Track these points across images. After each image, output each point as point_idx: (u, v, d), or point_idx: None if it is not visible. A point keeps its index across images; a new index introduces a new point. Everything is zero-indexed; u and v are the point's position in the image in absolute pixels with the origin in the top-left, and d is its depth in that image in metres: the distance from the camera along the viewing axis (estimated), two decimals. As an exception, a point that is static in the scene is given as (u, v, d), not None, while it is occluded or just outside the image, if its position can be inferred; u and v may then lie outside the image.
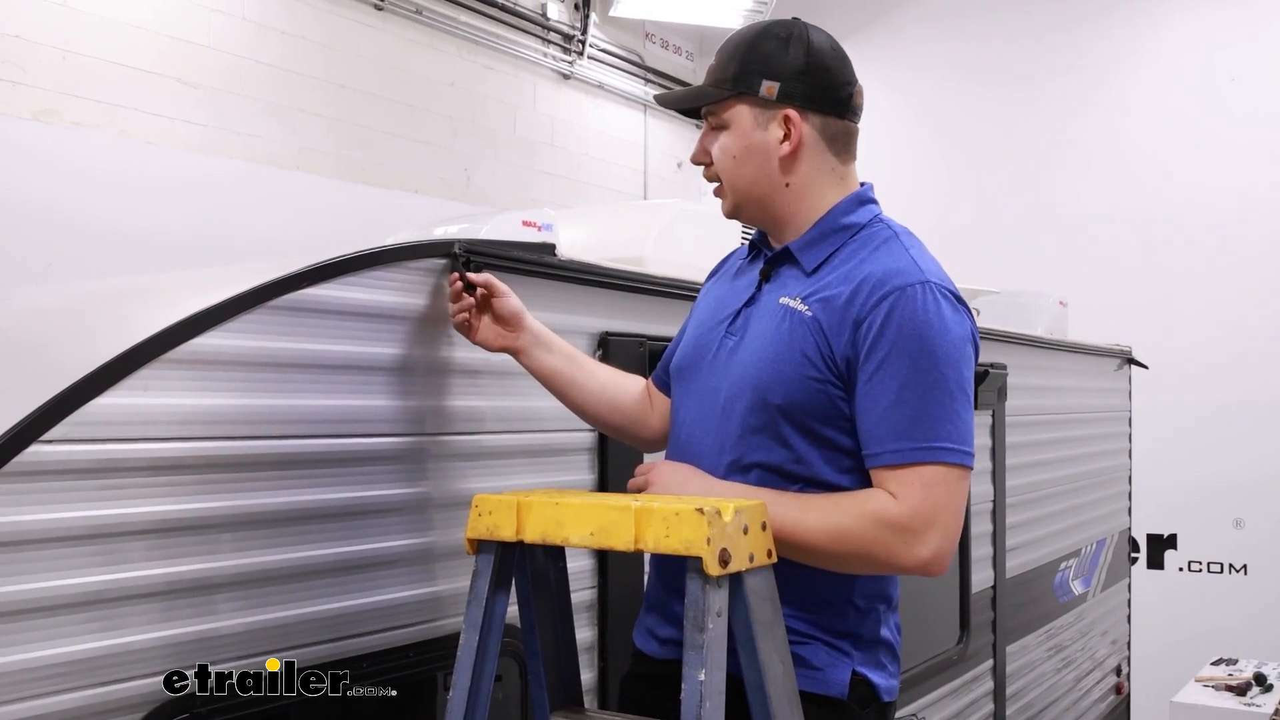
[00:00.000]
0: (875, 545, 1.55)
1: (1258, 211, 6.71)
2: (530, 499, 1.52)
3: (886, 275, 1.60)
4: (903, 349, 1.56)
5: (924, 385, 1.55)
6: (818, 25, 1.74)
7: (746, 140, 1.72)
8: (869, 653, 1.70)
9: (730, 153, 1.74)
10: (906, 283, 1.59)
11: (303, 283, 1.66)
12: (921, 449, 1.55)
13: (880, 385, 1.57)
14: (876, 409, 1.57)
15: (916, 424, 1.55)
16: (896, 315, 1.57)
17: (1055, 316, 4.72)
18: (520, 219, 2.05)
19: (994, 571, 3.79)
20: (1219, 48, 6.93)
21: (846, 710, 1.65)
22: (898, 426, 1.56)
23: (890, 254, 1.65)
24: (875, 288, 1.60)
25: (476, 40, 6.61)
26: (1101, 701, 4.96)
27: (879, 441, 1.58)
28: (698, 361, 1.79)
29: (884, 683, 1.71)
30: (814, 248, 1.71)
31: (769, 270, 1.76)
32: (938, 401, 1.56)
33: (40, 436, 1.36)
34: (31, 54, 4.46)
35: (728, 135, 1.74)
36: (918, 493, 1.54)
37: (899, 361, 1.56)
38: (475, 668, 1.55)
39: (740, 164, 1.73)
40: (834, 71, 1.71)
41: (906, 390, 1.55)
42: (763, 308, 1.72)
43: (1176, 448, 6.64)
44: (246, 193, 5.17)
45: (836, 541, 1.56)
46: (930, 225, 2.72)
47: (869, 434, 1.59)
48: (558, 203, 6.73)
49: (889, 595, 1.74)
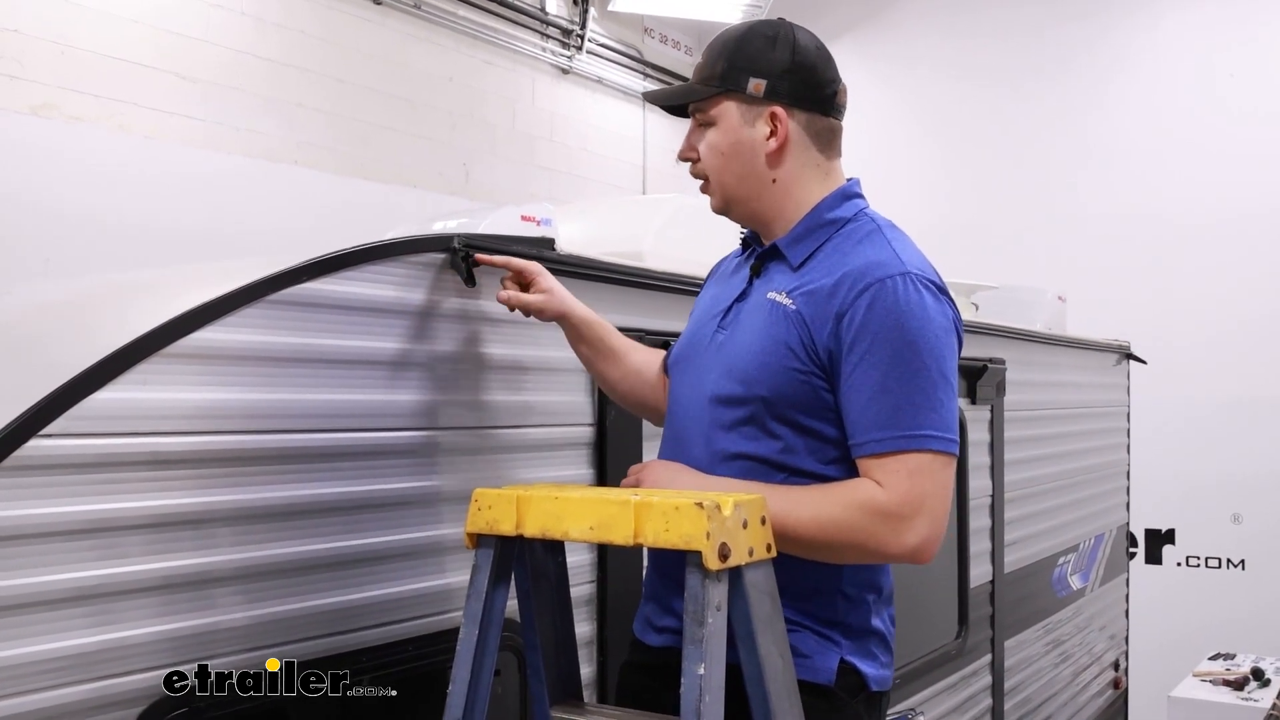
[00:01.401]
0: (864, 534, 1.57)
1: (1256, 208, 6.71)
2: (530, 493, 1.52)
3: (868, 267, 1.63)
4: (885, 339, 1.58)
5: (907, 374, 1.58)
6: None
7: (734, 136, 1.74)
8: (859, 642, 1.71)
9: (718, 149, 1.76)
10: (887, 274, 1.61)
11: (301, 277, 1.66)
12: (905, 437, 1.57)
13: (864, 376, 1.59)
14: (860, 399, 1.60)
15: (900, 413, 1.57)
16: (878, 306, 1.59)
17: (1054, 312, 4.72)
18: (519, 214, 2.05)
19: (992, 566, 3.79)
20: (1218, 44, 6.93)
21: (834, 698, 1.67)
22: (882, 416, 1.58)
23: (873, 246, 1.68)
24: (856, 280, 1.62)
25: (475, 35, 6.60)
26: (1099, 696, 4.97)
27: (864, 431, 1.60)
28: (691, 355, 1.82)
29: (874, 673, 1.72)
30: (800, 243, 1.74)
31: (759, 266, 1.79)
32: (920, 390, 1.58)
33: (39, 431, 1.36)
34: (30, 49, 4.45)
35: (715, 132, 1.76)
36: (904, 481, 1.56)
37: (881, 352, 1.58)
38: (475, 662, 1.55)
39: (728, 160, 1.76)
40: (819, 70, 1.75)
41: (890, 380, 1.58)
42: (752, 303, 1.75)
43: (1175, 443, 6.64)
44: (245, 188, 5.16)
45: (826, 531, 1.58)
46: (929, 221, 2.73)
47: (854, 424, 1.61)
48: (556, 198, 6.72)
49: (879, 585, 1.75)
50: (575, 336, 1.98)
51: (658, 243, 2.57)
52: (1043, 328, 4.46)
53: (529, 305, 1.91)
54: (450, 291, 1.91)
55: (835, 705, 1.66)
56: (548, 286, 1.92)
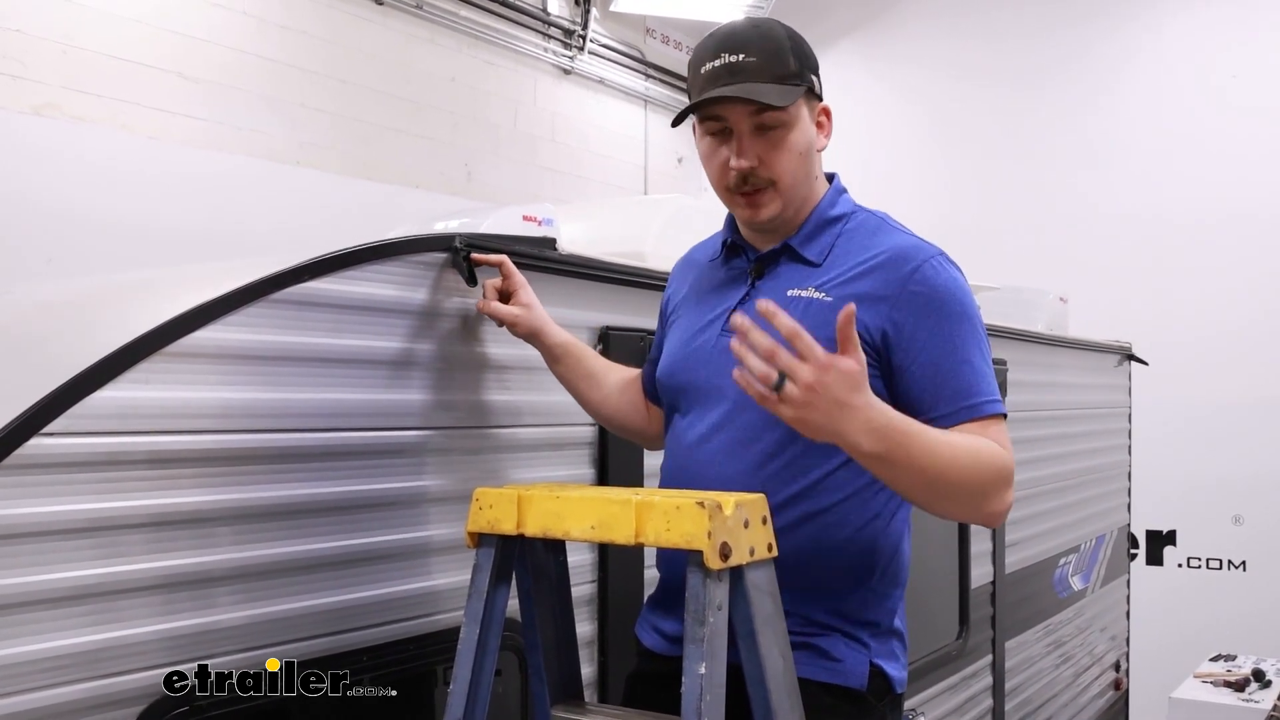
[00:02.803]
0: (985, 489, 1.57)
1: (1258, 209, 6.70)
2: (531, 493, 1.52)
3: (904, 252, 1.67)
4: (948, 314, 1.64)
5: (973, 344, 1.64)
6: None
7: (808, 137, 1.74)
8: (884, 643, 1.72)
9: (796, 150, 1.71)
10: (926, 256, 1.67)
11: (303, 276, 1.66)
12: (992, 402, 1.63)
13: (940, 346, 1.62)
14: (940, 370, 1.62)
15: (980, 380, 1.63)
16: (932, 284, 1.65)
17: (1056, 313, 4.72)
18: (521, 214, 2.05)
19: (994, 567, 3.79)
20: (1221, 45, 6.92)
21: (865, 702, 1.67)
22: (966, 383, 1.62)
23: (894, 234, 1.73)
24: (901, 264, 1.66)
25: (477, 35, 6.60)
26: (1100, 697, 4.97)
27: (956, 398, 1.62)
28: (694, 365, 1.78)
29: (897, 674, 1.74)
30: (814, 241, 1.75)
31: (761, 268, 1.77)
32: (984, 360, 1.65)
33: (41, 429, 1.36)
34: (32, 48, 4.45)
35: (795, 133, 1.70)
36: (1008, 443, 1.61)
37: (948, 325, 1.63)
38: (475, 662, 1.55)
39: (803, 161, 1.73)
40: None
41: (963, 349, 1.63)
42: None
43: (1176, 444, 6.64)
44: (247, 188, 5.16)
45: (959, 476, 1.54)
46: (931, 221, 2.73)
47: (938, 394, 1.62)
48: (558, 198, 6.72)
49: (902, 580, 1.77)
50: (550, 358, 1.95)
51: (659, 243, 2.57)
52: (1044, 329, 4.46)
53: (502, 317, 1.88)
54: (451, 291, 1.91)
55: (865, 709, 1.66)
56: (526, 301, 1.90)
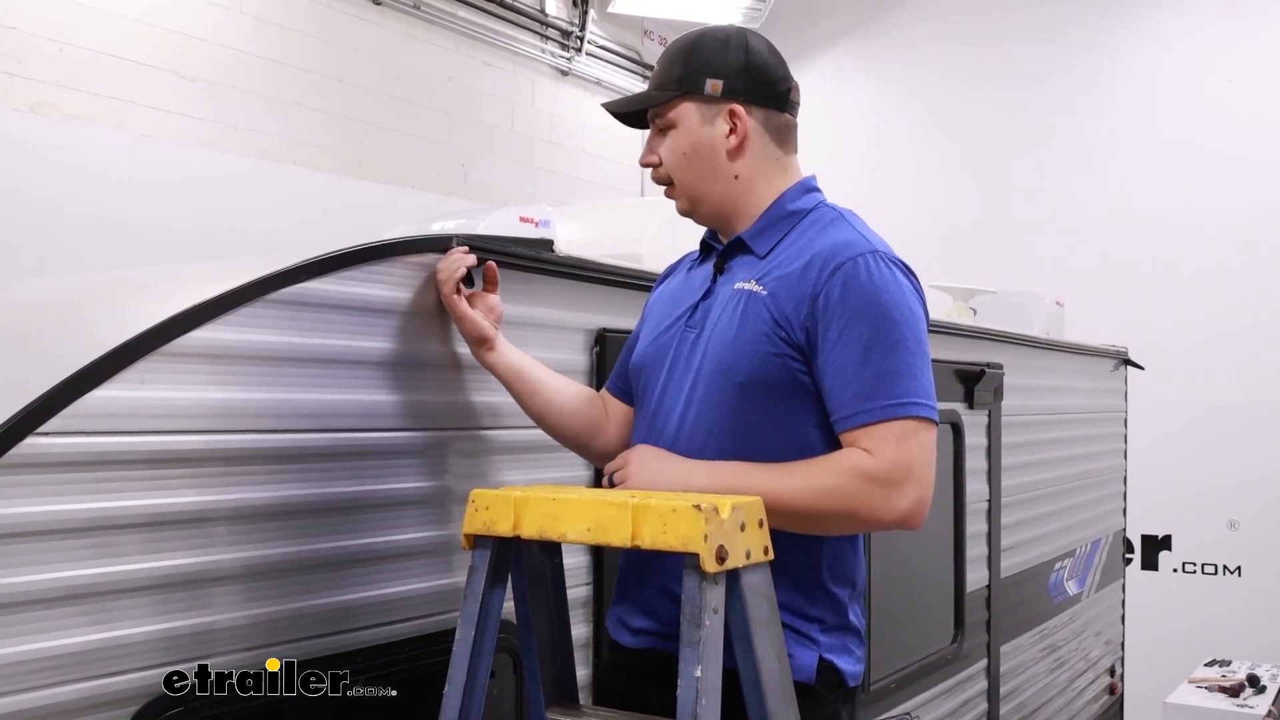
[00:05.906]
0: (856, 500, 1.60)
1: (1255, 213, 6.71)
2: (527, 494, 1.52)
3: (838, 248, 1.68)
4: (862, 314, 1.63)
5: (886, 346, 1.62)
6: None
7: (694, 137, 1.79)
8: (836, 638, 1.74)
9: (679, 150, 1.81)
10: (858, 253, 1.67)
11: (300, 276, 1.66)
12: (890, 406, 1.61)
13: (844, 351, 1.63)
14: (844, 373, 1.63)
15: (883, 383, 1.61)
16: (853, 283, 1.64)
17: (1052, 317, 4.72)
18: (518, 215, 2.05)
19: (989, 571, 3.79)
20: (1217, 49, 6.93)
21: (814, 694, 1.68)
22: (866, 388, 1.62)
23: (838, 230, 1.73)
24: (829, 260, 1.67)
25: (474, 36, 6.60)
26: (1095, 702, 4.97)
27: (849, 404, 1.63)
28: (659, 359, 1.83)
29: (850, 668, 1.75)
30: (764, 235, 1.79)
31: (722, 264, 1.83)
32: (902, 360, 1.63)
33: (37, 429, 1.35)
34: (28, 46, 4.44)
35: (676, 134, 1.81)
36: (891, 447, 1.60)
37: (860, 326, 1.63)
38: (471, 663, 1.54)
39: (690, 161, 1.81)
40: (773, 68, 1.81)
41: (870, 353, 1.62)
42: (720, 299, 1.78)
43: (1172, 449, 6.64)
44: (243, 187, 5.16)
45: (819, 500, 1.60)
46: (927, 225, 2.73)
47: (837, 398, 1.64)
48: (555, 199, 6.72)
49: (855, 580, 1.78)
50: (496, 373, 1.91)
51: (655, 244, 2.57)
52: (1040, 333, 4.46)
53: (456, 314, 1.86)
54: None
55: (814, 702, 1.67)
56: (487, 307, 1.89)
